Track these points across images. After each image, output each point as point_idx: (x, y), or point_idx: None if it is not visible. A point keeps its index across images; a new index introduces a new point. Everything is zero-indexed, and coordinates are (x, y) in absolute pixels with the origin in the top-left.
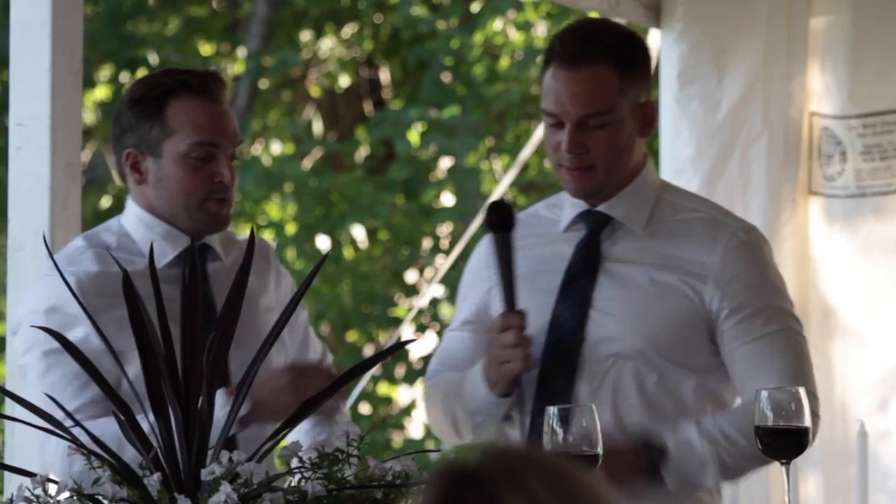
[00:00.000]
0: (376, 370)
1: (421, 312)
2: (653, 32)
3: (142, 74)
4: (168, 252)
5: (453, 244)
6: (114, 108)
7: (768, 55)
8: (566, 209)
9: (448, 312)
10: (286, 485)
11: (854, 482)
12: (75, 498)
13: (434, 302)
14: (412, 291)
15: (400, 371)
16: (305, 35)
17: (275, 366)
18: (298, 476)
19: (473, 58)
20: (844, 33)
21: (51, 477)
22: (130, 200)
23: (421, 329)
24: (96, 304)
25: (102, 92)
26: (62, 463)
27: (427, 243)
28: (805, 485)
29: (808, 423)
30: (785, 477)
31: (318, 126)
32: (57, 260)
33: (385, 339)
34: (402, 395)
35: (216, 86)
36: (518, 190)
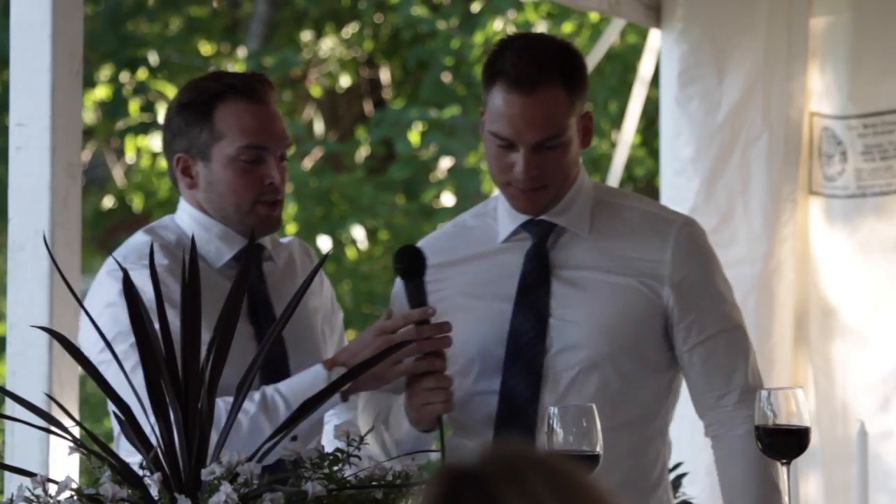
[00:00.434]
0: None
1: None
2: (653, 32)
3: (142, 74)
4: (225, 253)
5: None
6: (165, 114)
7: (768, 55)
8: (502, 219)
9: None
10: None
11: (854, 482)
12: (75, 498)
13: None
14: None
15: None
16: (306, 35)
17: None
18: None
19: (473, 58)
20: (844, 33)
21: (50, 477)
22: (184, 202)
23: None
24: (175, 294)
25: (102, 92)
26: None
27: None
28: (805, 485)
29: (808, 423)
30: (785, 477)
31: (319, 126)
32: (125, 254)
33: None
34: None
35: (263, 88)
36: None
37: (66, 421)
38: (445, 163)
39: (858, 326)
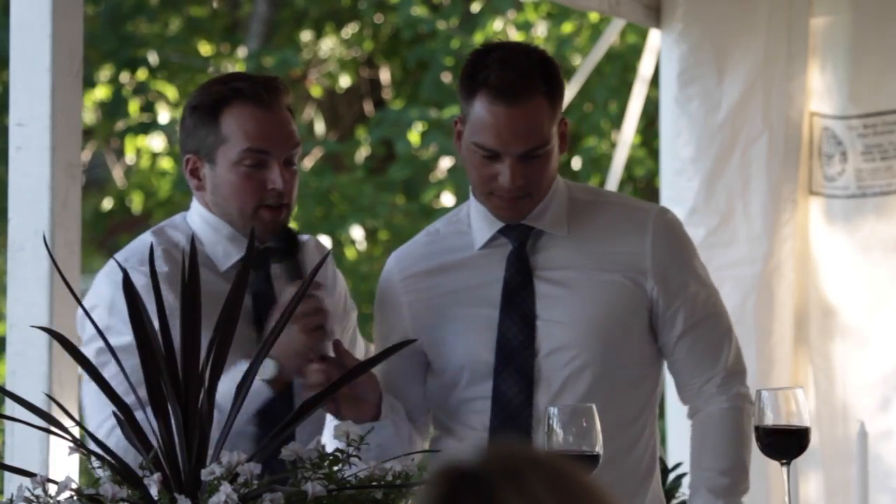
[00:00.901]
0: None
1: None
2: (653, 32)
3: (142, 74)
4: (233, 255)
5: None
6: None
7: (768, 55)
8: (478, 226)
9: None
10: (286, 485)
11: (854, 482)
12: (75, 498)
13: None
14: None
15: None
16: (306, 35)
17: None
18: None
19: None
20: (844, 33)
21: (50, 477)
22: (195, 202)
23: None
24: (169, 303)
25: (102, 92)
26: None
27: None
28: (805, 485)
29: (808, 423)
30: (785, 477)
31: (319, 126)
32: (127, 257)
33: None
34: None
35: (271, 92)
36: None
37: (66, 421)
38: (445, 163)
39: (858, 326)
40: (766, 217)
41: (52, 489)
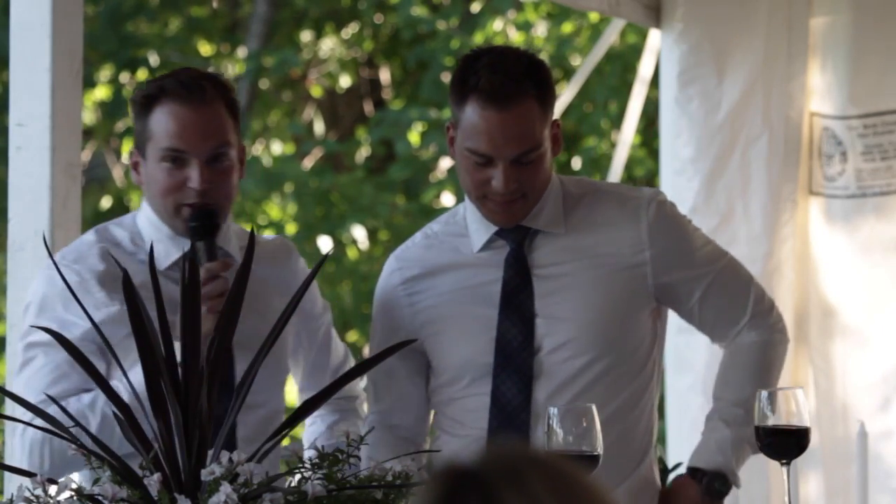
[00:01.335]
0: None
1: None
2: (653, 32)
3: (142, 75)
4: (172, 253)
5: None
6: None
7: (768, 55)
8: (475, 229)
9: None
10: (286, 485)
11: (854, 482)
12: (75, 498)
13: None
14: None
15: None
16: (306, 35)
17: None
18: (298, 476)
19: None
20: (844, 33)
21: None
22: (144, 199)
23: None
24: (98, 300)
25: (102, 92)
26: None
27: None
28: (805, 485)
29: (808, 423)
30: (785, 477)
31: (319, 126)
32: (65, 254)
33: None
34: None
35: (200, 90)
36: None
37: (66, 421)
38: (445, 163)
39: (858, 326)
40: (766, 217)
41: (52, 489)
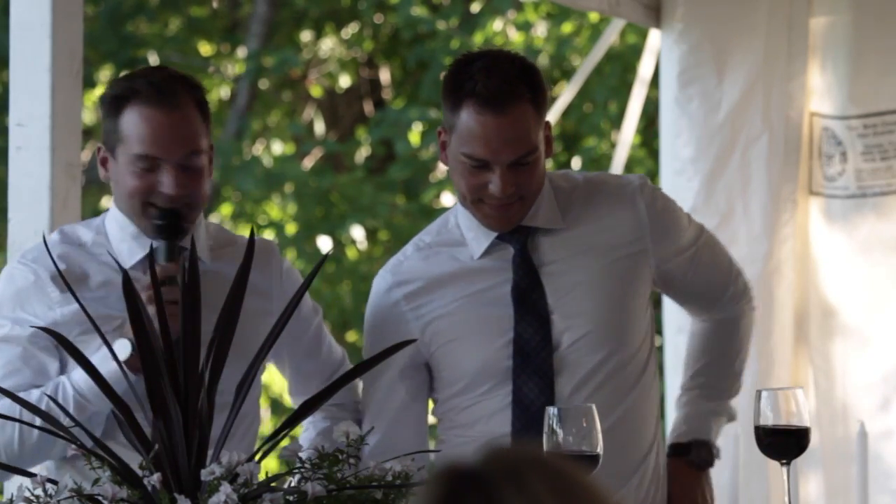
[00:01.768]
0: None
1: None
2: (653, 32)
3: None
4: (136, 253)
5: None
6: None
7: (768, 55)
8: (472, 235)
9: None
10: (286, 485)
11: (854, 482)
12: (75, 498)
13: None
14: None
15: None
16: (306, 35)
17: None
18: (298, 476)
19: None
20: (844, 33)
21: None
22: (113, 197)
23: None
24: (53, 299)
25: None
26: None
27: None
28: (805, 485)
29: (808, 423)
30: (785, 477)
31: (319, 126)
32: (26, 253)
33: None
34: None
35: (172, 94)
36: None
37: (66, 421)
38: None
39: (858, 326)
40: (766, 217)
41: (52, 489)
